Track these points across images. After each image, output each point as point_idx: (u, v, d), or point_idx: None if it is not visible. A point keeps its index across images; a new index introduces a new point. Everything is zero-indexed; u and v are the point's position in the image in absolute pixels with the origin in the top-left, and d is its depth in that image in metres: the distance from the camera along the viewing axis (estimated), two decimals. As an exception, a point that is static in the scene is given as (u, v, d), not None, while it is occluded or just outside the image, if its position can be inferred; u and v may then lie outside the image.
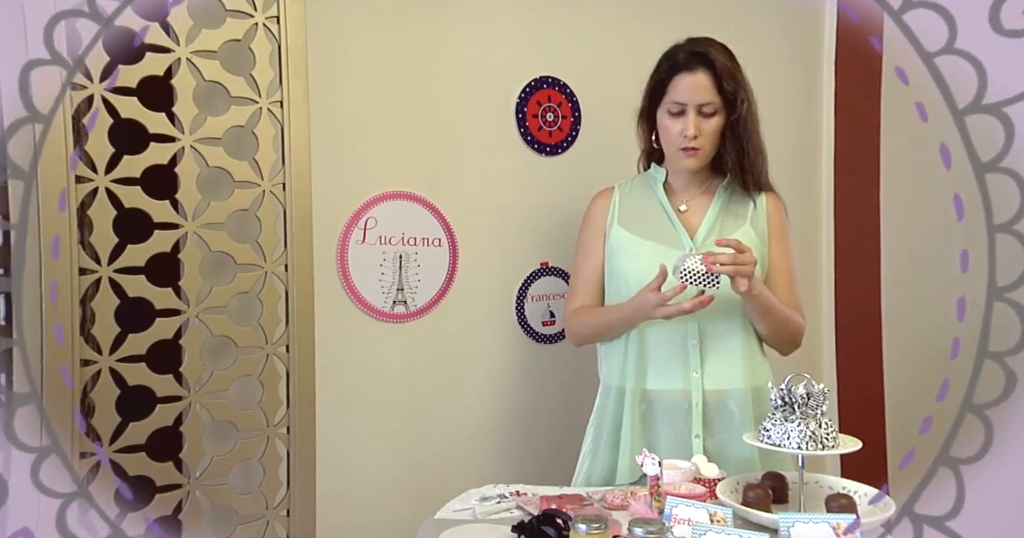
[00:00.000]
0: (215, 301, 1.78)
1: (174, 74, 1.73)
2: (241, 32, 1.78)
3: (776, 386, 1.61)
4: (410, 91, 2.25)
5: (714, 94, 1.86)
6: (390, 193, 2.23)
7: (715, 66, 1.84)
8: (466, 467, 2.34)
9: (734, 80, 1.86)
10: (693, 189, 1.99)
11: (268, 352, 1.84)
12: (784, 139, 2.52)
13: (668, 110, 1.89)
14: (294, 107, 1.84)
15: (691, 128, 1.86)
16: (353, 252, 2.19)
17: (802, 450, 1.54)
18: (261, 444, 1.84)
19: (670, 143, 1.92)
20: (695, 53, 1.87)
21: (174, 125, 1.73)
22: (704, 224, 1.95)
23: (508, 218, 2.40)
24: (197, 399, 1.77)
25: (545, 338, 2.46)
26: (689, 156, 1.90)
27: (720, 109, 1.87)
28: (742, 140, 1.90)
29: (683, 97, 1.86)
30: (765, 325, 1.90)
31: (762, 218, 1.96)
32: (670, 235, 1.94)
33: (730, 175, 1.95)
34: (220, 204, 1.78)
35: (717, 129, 1.89)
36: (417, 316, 2.28)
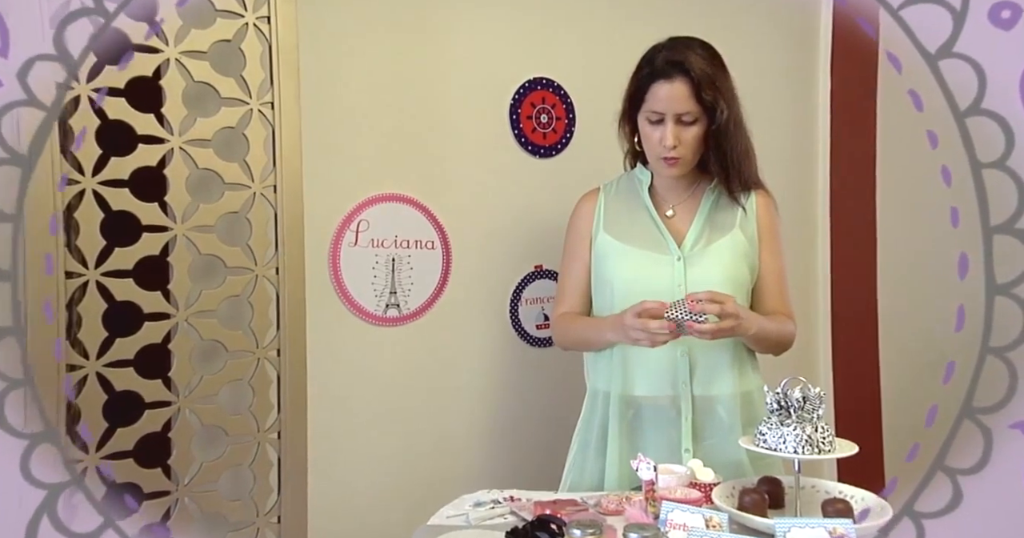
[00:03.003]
0: (205, 305, 1.77)
1: (163, 75, 1.71)
2: (231, 32, 1.77)
3: (772, 390, 1.60)
4: (403, 92, 2.24)
5: (693, 103, 1.81)
6: (383, 195, 2.22)
7: (692, 74, 1.79)
8: (460, 472, 2.32)
9: (713, 88, 1.80)
10: (680, 192, 1.97)
11: (259, 356, 1.83)
12: (779, 139, 2.52)
13: (647, 118, 1.86)
14: (285, 108, 1.83)
15: (669, 138, 1.82)
16: (345, 255, 2.18)
17: (798, 454, 1.52)
18: (251, 450, 1.83)
19: (651, 150, 1.89)
20: (673, 61, 1.81)
21: (163, 126, 1.71)
22: (692, 231, 1.92)
23: (502, 221, 2.39)
24: (186, 404, 1.75)
25: (539, 342, 2.45)
26: (670, 166, 1.87)
27: (700, 116, 1.83)
28: (725, 147, 1.86)
29: (661, 106, 1.82)
30: (760, 348, 1.91)
31: (751, 220, 1.94)
32: (657, 242, 1.92)
33: (717, 181, 1.92)
34: (210, 206, 1.77)
35: (698, 137, 1.85)
36: (410, 319, 2.27)
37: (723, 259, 1.88)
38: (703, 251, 1.88)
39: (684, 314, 1.70)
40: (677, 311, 1.70)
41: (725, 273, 1.87)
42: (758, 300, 1.94)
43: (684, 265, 1.87)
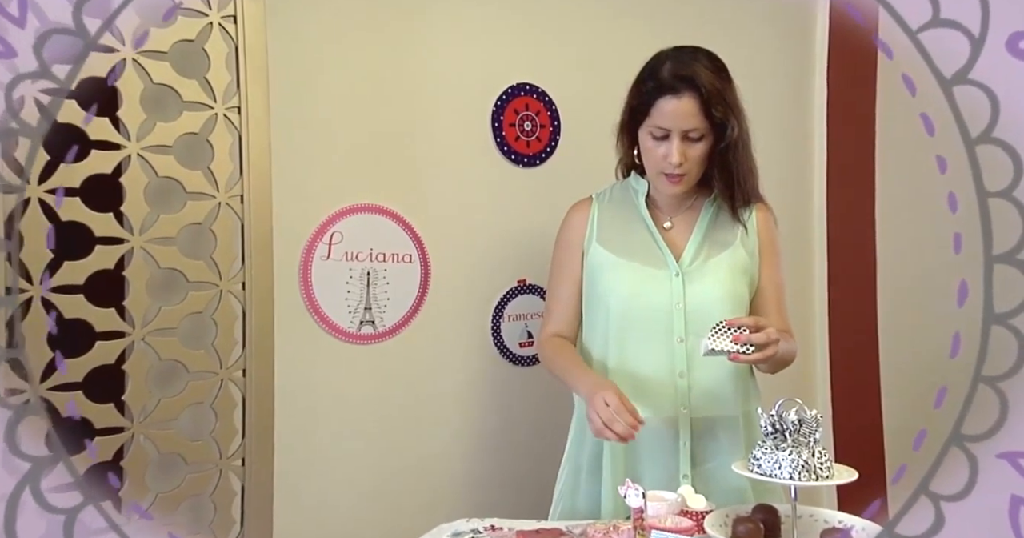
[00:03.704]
0: (164, 322, 1.70)
1: (119, 76, 1.64)
2: (194, 32, 1.71)
3: (766, 412, 1.56)
4: (379, 97, 2.22)
5: (701, 120, 1.76)
6: (357, 206, 2.19)
7: (702, 90, 1.74)
8: (438, 500, 2.29)
9: (723, 104, 1.76)
10: (678, 204, 1.93)
11: (222, 377, 1.77)
12: (772, 148, 2.48)
13: (651, 133, 1.80)
14: (252, 113, 1.78)
15: (675, 155, 1.77)
16: (317, 269, 2.15)
17: (794, 481, 1.49)
18: (213, 478, 1.75)
19: (652, 166, 1.84)
20: (681, 76, 1.75)
21: (119, 131, 1.65)
22: (690, 244, 1.89)
23: (483, 233, 2.37)
24: (141, 430, 1.67)
25: (523, 360, 2.43)
26: (673, 183, 1.83)
27: (707, 133, 1.78)
28: (731, 166, 1.83)
29: (667, 123, 1.77)
30: (770, 369, 1.86)
31: (752, 235, 1.91)
32: (654, 256, 1.88)
33: (718, 196, 1.89)
34: (171, 217, 1.71)
35: (704, 154, 1.81)
36: (386, 337, 2.24)
37: (723, 275, 1.85)
38: (702, 266, 1.85)
39: (728, 346, 1.66)
40: (719, 343, 1.66)
41: (725, 289, 1.84)
42: (757, 316, 1.89)
43: (683, 281, 1.84)
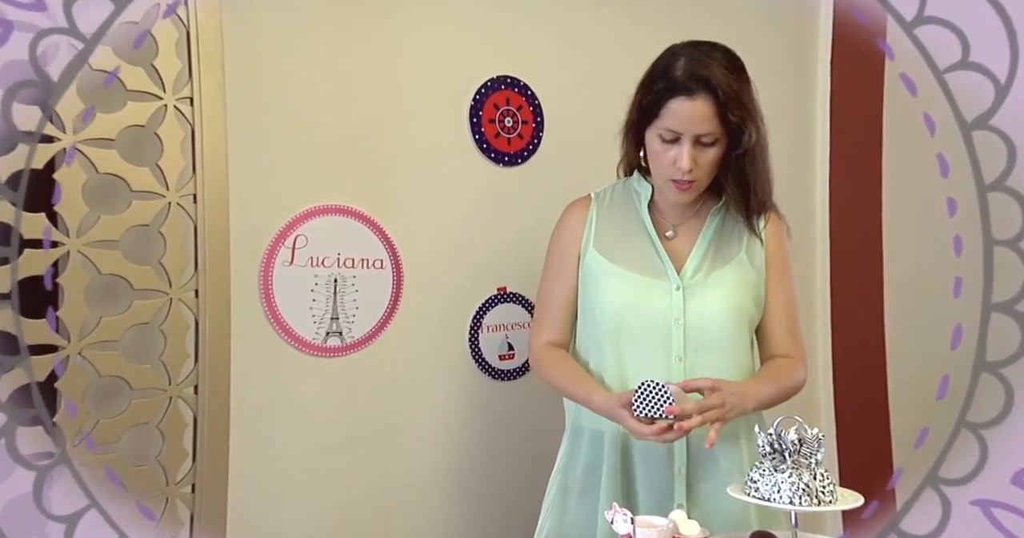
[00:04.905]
0: (104, 334, 1.62)
1: (50, 60, 1.54)
2: (139, 14, 1.61)
3: (764, 431, 1.54)
4: (348, 88, 2.16)
5: (715, 124, 1.68)
6: (323, 207, 2.13)
7: (719, 92, 1.67)
8: (412, 528, 2.24)
9: (741, 107, 1.68)
10: (683, 211, 1.87)
11: (171, 395, 1.69)
12: (774, 149, 2.48)
13: (660, 136, 1.73)
14: (207, 105, 1.72)
15: (686, 161, 1.70)
16: (279, 275, 2.09)
17: (794, 505, 1.47)
18: (158, 507, 1.66)
19: (660, 171, 1.77)
20: (696, 76, 1.68)
21: (52, 122, 1.55)
22: (693, 256, 1.83)
23: (461, 237, 2.32)
24: (75, 455, 1.56)
25: (503, 374, 2.37)
26: (681, 190, 1.76)
27: (721, 137, 1.71)
28: (748, 175, 1.76)
29: (679, 126, 1.69)
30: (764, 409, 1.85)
31: (760, 248, 1.85)
32: (654, 266, 1.82)
33: (730, 205, 1.83)
34: (113, 218, 1.63)
35: (716, 159, 1.74)
36: (354, 350, 2.18)
37: (726, 290, 1.81)
38: (704, 280, 1.81)
39: (655, 413, 1.65)
40: (648, 409, 1.65)
41: (728, 306, 1.80)
42: (764, 339, 1.89)
43: (683, 295, 1.79)
